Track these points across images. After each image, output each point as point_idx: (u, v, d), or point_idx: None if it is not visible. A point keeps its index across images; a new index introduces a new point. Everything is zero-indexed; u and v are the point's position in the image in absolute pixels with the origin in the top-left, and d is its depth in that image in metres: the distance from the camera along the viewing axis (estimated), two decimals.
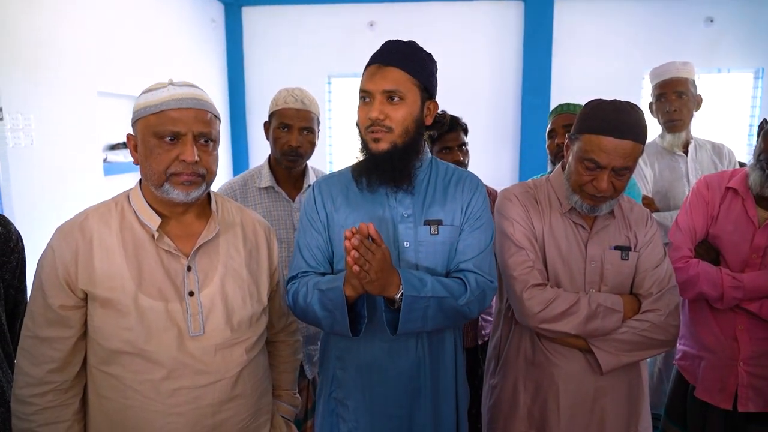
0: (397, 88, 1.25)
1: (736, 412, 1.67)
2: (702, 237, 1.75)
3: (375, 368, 1.34)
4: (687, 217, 1.75)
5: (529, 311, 1.39)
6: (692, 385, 1.78)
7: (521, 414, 1.51)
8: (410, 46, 1.30)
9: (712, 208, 1.73)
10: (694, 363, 1.75)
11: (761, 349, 1.65)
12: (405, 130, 1.27)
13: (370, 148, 1.29)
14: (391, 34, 1.55)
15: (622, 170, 1.33)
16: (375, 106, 1.25)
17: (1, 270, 1.17)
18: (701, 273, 1.65)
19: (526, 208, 1.48)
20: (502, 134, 5.35)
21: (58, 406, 1.14)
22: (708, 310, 1.72)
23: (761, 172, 1.61)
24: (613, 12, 5.14)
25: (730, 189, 1.71)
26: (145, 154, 1.14)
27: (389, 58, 1.27)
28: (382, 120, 1.25)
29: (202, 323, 1.17)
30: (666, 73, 2.19)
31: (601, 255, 1.44)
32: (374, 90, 1.26)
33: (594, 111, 1.35)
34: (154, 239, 1.16)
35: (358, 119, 1.31)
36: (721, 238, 1.71)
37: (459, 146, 2.11)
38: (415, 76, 1.27)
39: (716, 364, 1.69)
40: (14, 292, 1.22)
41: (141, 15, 4.01)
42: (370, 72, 1.28)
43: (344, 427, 1.37)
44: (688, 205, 1.78)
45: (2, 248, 1.16)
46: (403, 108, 1.26)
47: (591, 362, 1.43)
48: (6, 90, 2.71)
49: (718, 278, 1.64)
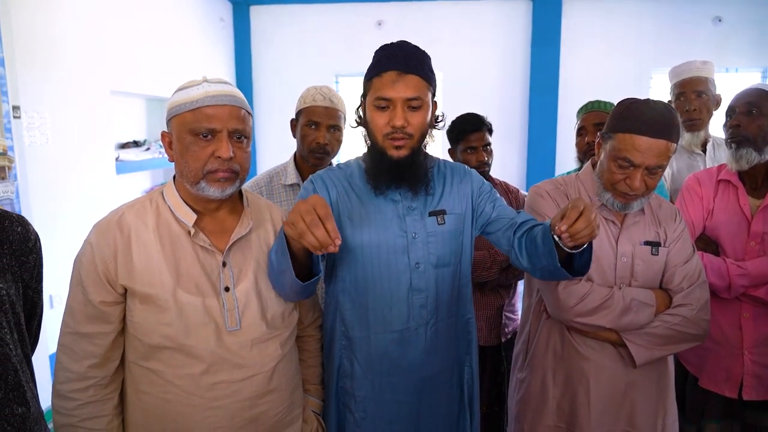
0: (418, 96, 1.26)
1: (738, 400, 1.70)
2: (700, 231, 1.79)
3: (385, 360, 1.35)
4: (684, 214, 1.77)
5: (565, 305, 1.40)
6: (692, 375, 1.81)
7: (550, 407, 1.52)
8: (419, 50, 1.31)
9: (707, 202, 1.77)
10: (698, 354, 1.76)
11: (766, 337, 1.68)
12: (422, 135, 1.31)
13: (390, 154, 1.29)
14: (399, 33, 1.56)
15: (656, 168, 1.34)
16: (398, 114, 1.25)
17: (21, 270, 1.16)
18: (707, 265, 1.67)
19: (558, 204, 1.49)
20: (509, 133, 5.36)
21: (99, 401, 1.15)
22: (712, 303, 1.74)
23: (730, 149, 1.69)
24: (621, 11, 5.16)
25: (722, 181, 1.76)
26: (181, 151, 1.14)
27: (408, 66, 1.26)
28: (405, 127, 1.26)
29: (238, 318, 1.18)
30: (686, 72, 2.20)
31: (632, 250, 1.45)
32: (396, 98, 1.25)
33: (628, 110, 1.36)
34: (190, 235, 1.17)
35: (374, 125, 1.30)
36: (718, 229, 1.74)
37: (484, 146, 2.11)
38: (429, 82, 1.30)
39: (721, 354, 1.71)
40: (32, 293, 1.22)
41: (152, 15, 4.03)
42: (389, 79, 1.25)
43: (351, 418, 1.38)
44: (683, 202, 1.82)
45: (21, 248, 1.15)
46: (422, 114, 1.28)
47: (623, 355, 1.44)
48: (23, 89, 2.72)
49: (723, 268, 1.66)
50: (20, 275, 1.21)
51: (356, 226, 1.33)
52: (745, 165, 1.66)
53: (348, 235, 1.33)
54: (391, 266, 1.33)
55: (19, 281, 1.21)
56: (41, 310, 1.31)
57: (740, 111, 1.68)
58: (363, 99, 1.36)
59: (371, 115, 1.31)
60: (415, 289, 1.34)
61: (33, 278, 1.26)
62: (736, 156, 1.67)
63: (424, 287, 1.34)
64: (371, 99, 1.30)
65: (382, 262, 1.33)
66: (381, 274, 1.33)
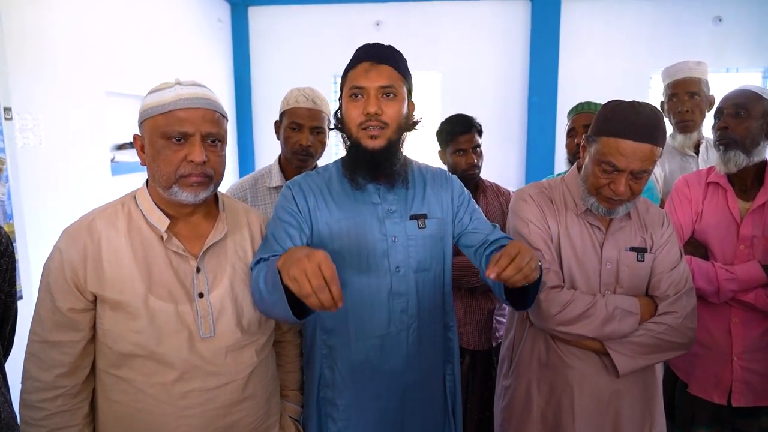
0: (392, 84, 1.27)
1: (727, 406, 1.67)
2: (689, 235, 1.76)
3: (367, 366, 1.33)
4: (673, 217, 1.75)
5: (546, 314, 1.37)
6: (681, 381, 1.78)
7: (534, 416, 1.50)
8: (395, 49, 1.33)
9: (696, 205, 1.75)
10: (687, 360, 1.74)
11: (755, 343, 1.65)
12: (398, 126, 1.29)
13: (364, 144, 1.28)
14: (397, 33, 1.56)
15: (641, 173, 1.31)
16: (372, 101, 1.25)
17: None
18: (695, 269, 1.64)
19: (542, 209, 1.46)
20: (508, 133, 5.33)
21: (68, 411, 1.13)
22: (700, 307, 1.71)
23: (718, 151, 1.67)
24: (620, 11, 5.11)
25: (711, 183, 1.74)
26: (153, 155, 1.12)
27: (380, 57, 1.28)
28: (379, 115, 1.25)
29: (212, 325, 1.16)
30: (679, 72, 2.17)
31: (617, 256, 1.42)
32: (369, 86, 1.26)
33: (613, 112, 1.33)
34: (162, 241, 1.15)
35: (348, 116, 1.30)
36: (707, 233, 1.72)
37: (473, 148, 2.09)
38: (404, 75, 1.31)
39: (711, 360, 1.69)
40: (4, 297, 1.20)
41: (149, 15, 4.01)
42: (362, 68, 1.28)
43: (334, 427, 1.36)
44: (671, 205, 1.79)
45: None
46: (396, 104, 1.28)
47: (606, 364, 1.41)
48: (15, 90, 2.70)
49: (712, 272, 1.64)
50: None
51: (334, 232, 1.31)
52: (734, 168, 1.64)
53: (326, 241, 1.31)
54: (372, 270, 1.31)
55: None
56: (15, 314, 1.30)
57: (728, 113, 1.66)
58: (340, 101, 1.35)
59: (346, 107, 1.31)
60: (395, 293, 1.32)
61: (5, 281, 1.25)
62: (725, 158, 1.65)
63: (405, 291, 1.33)
64: (346, 92, 1.31)
65: (362, 266, 1.31)
66: (361, 279, 1.31)
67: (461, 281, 2.05)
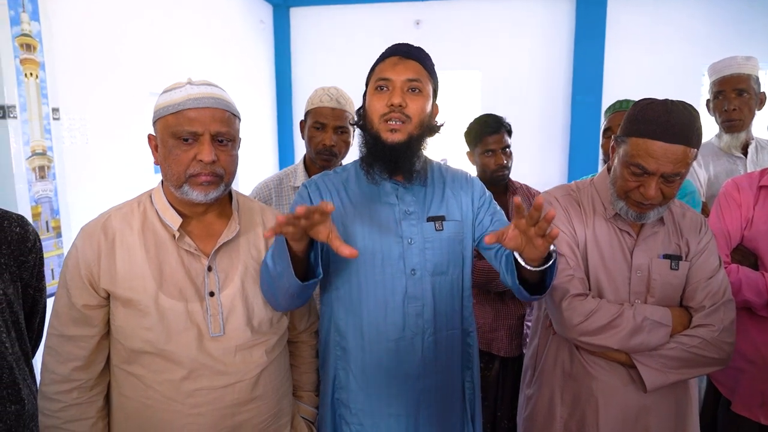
0: (418, 78, 1.26)
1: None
2: (737, 242, 1.64)
3: (381, 370, 1.31)
4: (719, 222, 1.63)
5: (568, 323, 1.31)
6: (724, 398, 1.66)
7: (557, 427, 1.43)
8: (422, 48, 1.33)
9: (746, 210, 1.62)
10: (731, 375, 1.63)
11: None
12: (420, 122, 1.27)
13: (384, 138, 1.26)
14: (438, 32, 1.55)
15: (673, 176, 1.22)
16: (396, 93, 1.25)
17: (20, 269, 1.19)
18: (743, 279, 1.53)
19: (568, 213, 1.40)
20: (551, 134, 5.18)
21: (83, 403, 1.15)
22: (747, 319, 1.59)
23: None
24: (670, 4, 4.88)
25: (764, 187, 1.60)
26: (165, 154, 1.14)
27: (409, 53, 1.29)
28: (403, 107, 1.24)
29: (222, 324, 1.16)
30: (726, 68, 2.04)
31: (648, 264, 1.34)
32: (396, 78, 1.25)
33: (643, 112, 1.25)
34: (175, 239, 1.16)
35: (372, 108, 1.28)
36: (758, 240, 1.59)
37: (503, 149, 2.03)
38: (431, 74, 1.31)
39: (757, 376, 1.57)
40: (33, 291, 1.25)
41: (191, 16, 4.12)
42: (390, 62, 1.28)
43: (348, 429, 1.34)
44: (719, 209, 1.67)
45: (20, 248, 1.18)
46: (421, 100, 1.27)
47: (634, 377, 1.33)
48: (63, 92, 2.82)
49: (761, 283, 1.53)
50: (19, 275, 1.25)
51: (350, 233, 1.29)
52: None
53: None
54: (386, 273, 1.29)
55: (18, 280, 1.25)
56: (43, 308, 1.35)
57: None
58: (364, 97, 1.34)
59: (370, 100, 1.30)
60: (410, 296, 1.29)
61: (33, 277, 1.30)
62: None
63: (420, 295, 1.30)
64: (372, 85, 1.30)
65: (377, 268, 1.29)
66: (376, 281, 1.29)
67: (489, 286, 2.00)
